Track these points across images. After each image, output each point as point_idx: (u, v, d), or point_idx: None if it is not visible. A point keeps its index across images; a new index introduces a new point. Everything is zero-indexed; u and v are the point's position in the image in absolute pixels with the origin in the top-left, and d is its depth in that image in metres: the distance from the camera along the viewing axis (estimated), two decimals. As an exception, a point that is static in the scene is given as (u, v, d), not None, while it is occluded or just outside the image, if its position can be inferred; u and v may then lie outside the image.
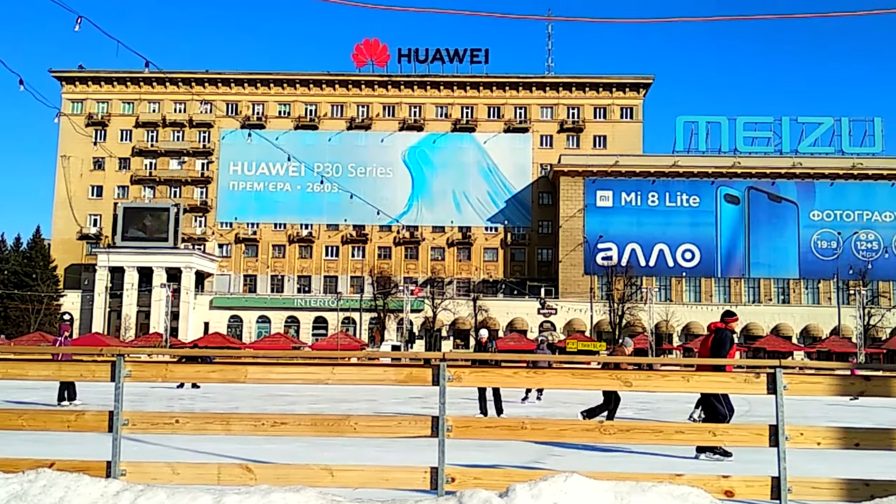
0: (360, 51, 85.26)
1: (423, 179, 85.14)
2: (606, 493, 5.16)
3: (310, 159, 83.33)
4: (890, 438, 6.26)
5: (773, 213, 78.16)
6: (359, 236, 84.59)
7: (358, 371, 6.47)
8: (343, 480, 6.10)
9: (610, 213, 78.63)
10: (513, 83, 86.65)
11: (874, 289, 74.26)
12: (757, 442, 5.97)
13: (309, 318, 78.50)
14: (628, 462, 9.86)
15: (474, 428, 6.26)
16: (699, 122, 79.66)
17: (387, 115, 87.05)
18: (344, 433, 6.30)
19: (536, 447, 10.77)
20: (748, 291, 78.10)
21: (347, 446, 10.24)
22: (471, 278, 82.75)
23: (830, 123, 79.12)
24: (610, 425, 6.04)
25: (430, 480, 5.98)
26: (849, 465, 8.22)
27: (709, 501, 5.20)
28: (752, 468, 6.48)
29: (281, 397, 22.96)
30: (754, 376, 5.99)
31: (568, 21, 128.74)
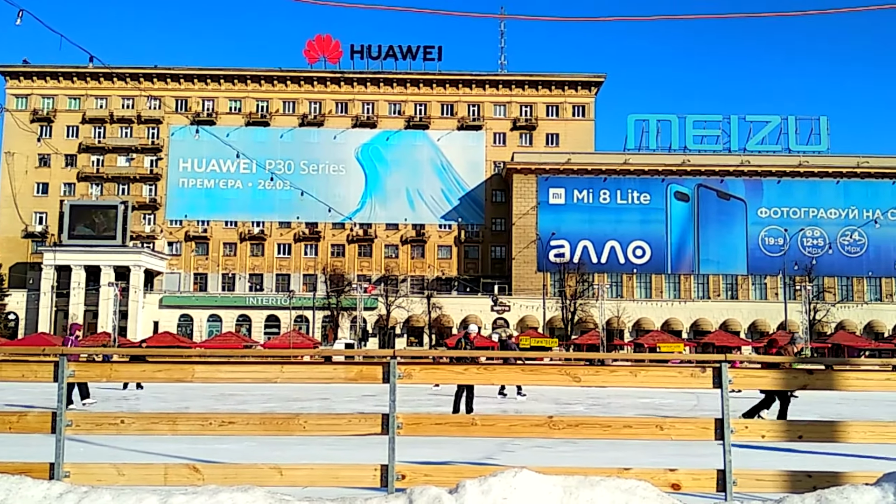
0: (312, 47, 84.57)
1: (377, 177, 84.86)
2: (555, 488, 5.19)
3: (261, 156, 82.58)
4: (831, 431, 6.40)
5: (722, 210, 79.55)
6: (311, 234, 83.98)
7: (307, 369, 6.41)
8: (292, 479, 6.06)
9: (562, 211, 79.27)
10: (466, 80, 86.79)
11: (819, 284, 76.04)
12: (703, 436, 6.06)
13: (261, 317, 77.76)
14: (579, 457, 9.94)
15: (425, 425, 6.26)
16: (650, 121, 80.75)
17: (339, 112, 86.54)
18: (293, 432, 6.25)
19: (490, 443, 10.81)
20: (697, 287, 79.41)
21: (299, 445, 10.16)
22: (425, 276, 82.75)
23: (778, 122, 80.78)
24: (559, 420, 6.08)
25: (381, 478, 5.97)
26: (792, 458, 8.41)
27: (656, 495, 5.26)
28: (701, 461, 6.57)
29: (232, 396, 22.73)
30: (700, 371, 6.07)
31: (520, 19, 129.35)
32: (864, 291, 79.25)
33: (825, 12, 11.88)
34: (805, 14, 9.91)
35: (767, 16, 27.95)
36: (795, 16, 29.48)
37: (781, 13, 10.04)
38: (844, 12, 12.64)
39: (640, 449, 9.44)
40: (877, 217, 78.74)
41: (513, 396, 23.08)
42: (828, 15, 75.85)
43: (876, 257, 79.11)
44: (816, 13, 10.63)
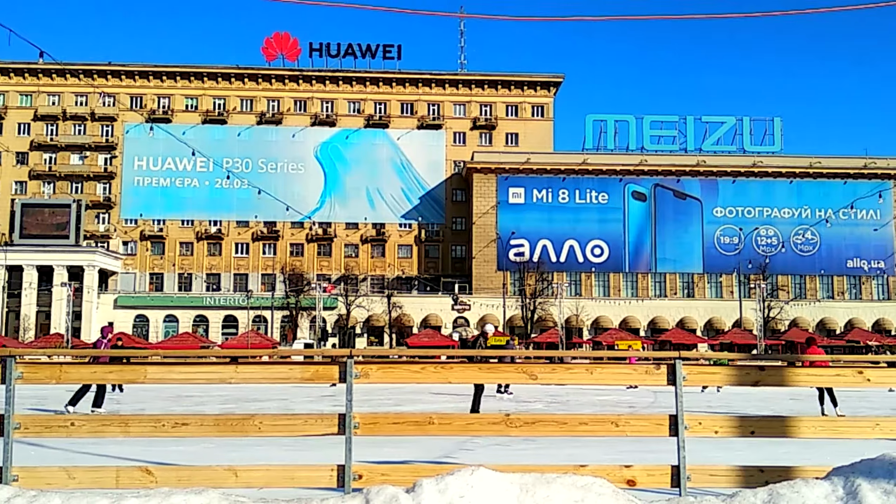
0: (270, 44, 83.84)
1: (336, 176, 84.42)
2: (512, 486, 5.20)
3: (218, 154, 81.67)
4: (783, 426, 6.50)
5: (679, 209, 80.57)
6: (270, 233, 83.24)
7: (262, 369, 6.35)
8: (248, 480, 5.99)
9: (522, 210, 79.65)
10: (426, 80, 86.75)
11: (773, 282, 77.41)
12: (658, 432, 6.12)
13: (218, 317, 76.94)
14: (537, 455, 9.99)
15: (382, 424, 6.24)
16: (608, 121, 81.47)
17: (298, 110, 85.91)
18: (248, 433, 6.19)
19: (449, 442, 10.82)
20: (654, 286, 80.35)
21: (256, 446, 10.07)
22: (385, 275, 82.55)
23: (733, 123, 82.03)
24: (516, 418, 6.10)
25: (337, 478, 5.93)
26: (747, 453, 8.54)
27: (611, 491, 5.29)
28: (657, 457, 6.64)
29: (189, 398, 22.48)
30: (655, 368, 6.13)
31: (480, 18, 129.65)
32: (817, 289, 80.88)
33: (775, 14, 12.09)
34: (759, 16, 10.06)
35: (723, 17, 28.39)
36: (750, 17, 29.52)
37: (736, 14, 10.19)
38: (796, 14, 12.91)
39: (598, 446, 9.51)
40: (828, 216, 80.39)
41: (499, 394, 23.45)
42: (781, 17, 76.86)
43: (828, 256, 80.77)
44: (767, 14, 10.80)
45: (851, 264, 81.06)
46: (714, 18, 47.86)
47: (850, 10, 11.49)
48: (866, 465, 5.48)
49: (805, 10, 11.30)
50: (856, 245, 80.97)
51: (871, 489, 5.23)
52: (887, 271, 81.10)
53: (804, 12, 11.89)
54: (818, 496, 5.27)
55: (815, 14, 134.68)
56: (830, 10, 10.76)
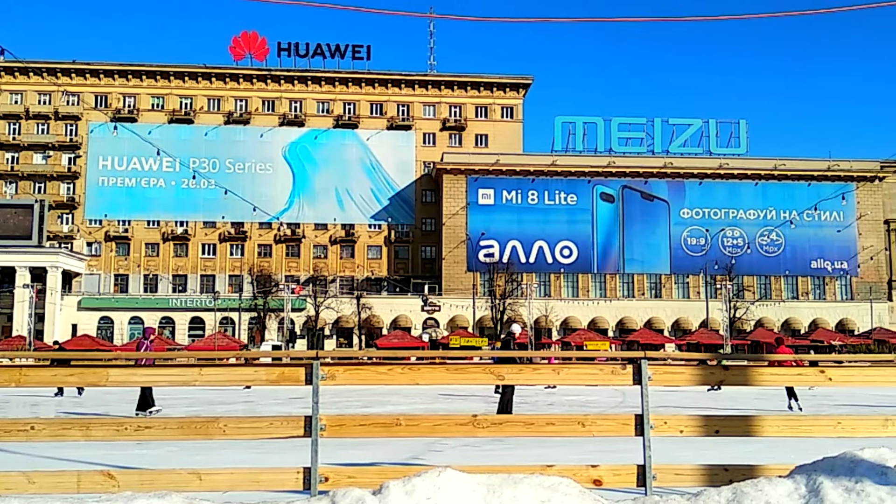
0: (237, 44, 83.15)
1: (305, 176, 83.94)
2: (479, 487, 5.20)
3: (185, 154, 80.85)
4: (747, 425, 6.57)
5: (646, 210, 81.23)
6: (237, 234, 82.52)
7: (227, 372, 6.28)
8: (212, 484, 5.93)
9: (492, 211, 79.83)
10: (395, 80, 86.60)
11: (739, 283, 78.33)
12: (623, 431, 6.15)
13: (185, 319, 76.15)
14: (506, 455, 10.01)
15: (348, 426, 6.20)
16: (576, 123, 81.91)
17: (266, 110, 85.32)
18: (212, 436, 6.12)
19: (418, 443, 10.80)
20: (622, 287, 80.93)
21: (222, 449, 9.98)
22: (354, 276, 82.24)
23: (699, 125, 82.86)
24: (483, 419, 6.09)
25: (303, 481, 5.89)
26: (713, 452, 8.62)
27: (578, 491, 5.31)
28: (624, 457, 6.67)
29: (159, 400, 22.20)
30: (621, 368, 6.16)
31: (449, 19, 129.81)
32: (782, 290, 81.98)
33: (742, 17, 12.24)
34: (723, 19, 10.18)
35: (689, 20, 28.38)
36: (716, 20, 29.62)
37: (702, 17, 10.26)
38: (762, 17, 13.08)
39: (566, 446, 9.55)
40: (793, 218, 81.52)
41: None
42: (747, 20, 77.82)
43: (792, 257, 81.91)
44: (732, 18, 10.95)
45: (815, 265, 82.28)
46: (681, 21, 48.46)
47: (812, 14, 11.64)
48: (828, 464, 5.55)
49: (769, 14, 11.42)
50: (820, 246, 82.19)
51: (833, 487, 5.30)
52: (850, 272, 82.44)
53: (769, 16, 11.95)
54: (781, 494, 5.33)
55: (780, 18, 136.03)
56: (789, 14, 10.89)
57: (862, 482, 5.30)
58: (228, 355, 21.59)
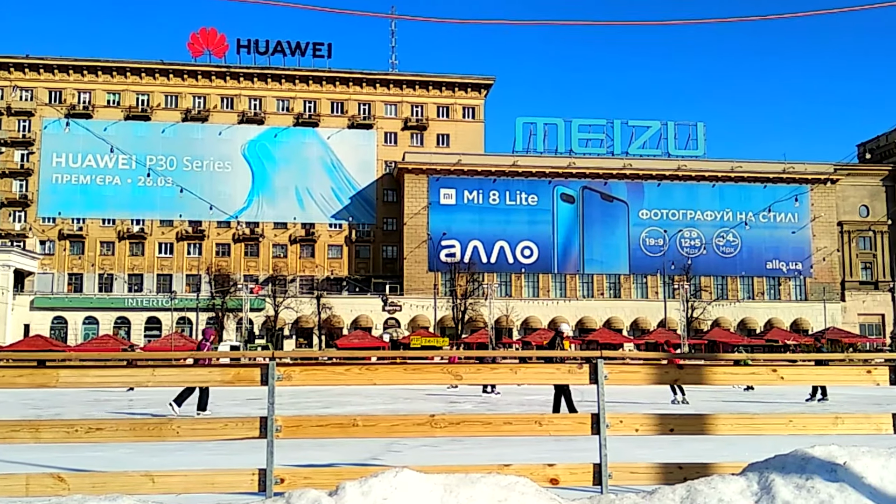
0: (196, 40, 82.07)
1: (264, 174, 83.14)
2: (436, 487, 5.19)
3: (141, 152, 79.68)
4: (701, 423, 6.64)
5: (606, 211, 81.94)
6: (195, 233, 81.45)
7: (181, 372, 6.20)
8: (165, 486, 5.84)
9: (453, 211, 79.89)
10: (356, 79, 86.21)
11: (697, 283, 79.37)
12: (580, 430, 6.18)
13: (141, 319, 75.01)
14: (464, 455, 10.01)
15: (305, 427, 6.14)
16: (537, 124, 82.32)
17: (225, 108, 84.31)
18: (166, 437, 6.03)
19: (377, 444, 10.77)
20: (582, 286, 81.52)
21: (178, 451, 9.85)
22: (314, 276, 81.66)
23: (658, 127, 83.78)
24: (441, 419, 6.09)
25: (259, 482, 5.82)
26: (669, 450, 8.71)
27: (534, 490, 5.32)
28: (582, 456, 6.70)
29: (109, 402, 21.89)
30: (577, 367, 6.20)
31: (410, 20, 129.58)
32: (738, 290, 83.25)
33: (702, 21, 12.40)
34: (682, 23, 10.30)
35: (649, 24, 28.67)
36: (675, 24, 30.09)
37: (663, 22, 10.40)
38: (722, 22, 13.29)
39: (525, 445, 9.59)
40: (749, 219, 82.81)
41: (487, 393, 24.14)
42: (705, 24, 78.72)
43: (749, 258, 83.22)
44: (690, 22, 11.10)
45: (771, 266, 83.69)
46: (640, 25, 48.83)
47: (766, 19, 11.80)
48: (780, 461, 5.64)
49: (725, 19, 11.62)
50: (775, 247, 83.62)
51: (784, 484, 5.38)
52: (804, 273, 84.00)
53: (724, 21, 12.19)
54: (734, 491, 5.40)
55: (737, 23, 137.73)
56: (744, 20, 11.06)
57: (812, 479, 5.40)
58: (185, 356, 21.24)
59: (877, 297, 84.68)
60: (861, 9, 9.48)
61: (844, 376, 7.93)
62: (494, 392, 25.48)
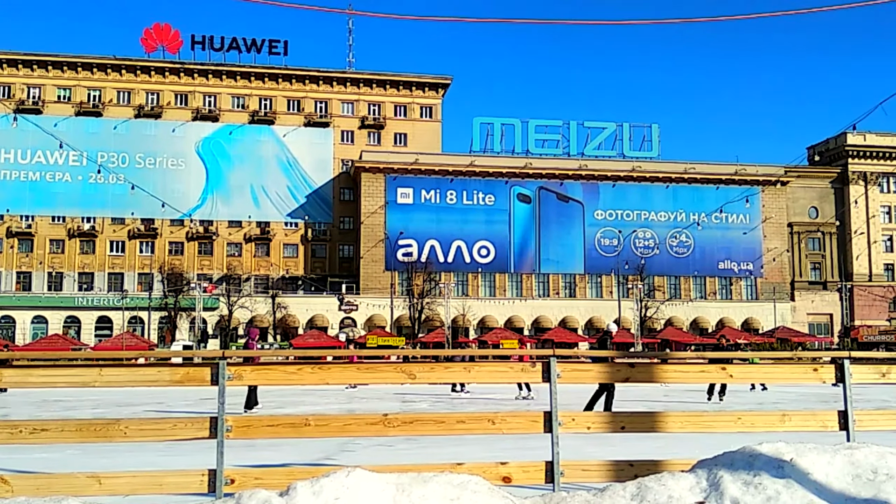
0: (149, 35, 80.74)
1: (219, 172, 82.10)
2: (388, 486, 5.17)
3: (92, 148, 78.18)
4: (652, 421, 6.72)
5: (562, 212, 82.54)
6: (147, 231, 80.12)
7: (129, 372, 6.08)
8: (112, 488, 5.73)
9: (410, 210, 79.80)
10: (313, 77, 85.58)
11: (650, 283, 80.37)
12: (533, 428, 6.21)
13: (91, 318, 73.61)
14: (419, 454, 10.00)
15: (255, 427, 6.07)
16: (494, 124, 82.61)
17: (179, 104, 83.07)
18: (113, 438, 5.92)
19: (331, 444, 10.71)
20: (538, 286, 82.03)
21: (129, 452, 9.70)
22: (270, 275, 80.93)
23: (613, 128, 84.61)
24: (394, 418, 6.06)
25: (208, 483, 5.75)
26: (622, 448, 8.80)
27: (487, 488, 5.33)
28: (537, 454, 6.73)
29: (57, 402, 21.46)
30: (530, 366, 6.22)
31: (368, 16, 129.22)
32: (691, 290, 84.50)
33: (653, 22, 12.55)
34: (637, 23, 10.36)
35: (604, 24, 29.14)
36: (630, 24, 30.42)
37: (618, 21, 10.46)
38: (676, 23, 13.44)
39: (480, 444, 9.61)
40: (701, 220, 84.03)
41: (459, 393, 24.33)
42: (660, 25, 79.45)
43: (701, 258, 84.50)
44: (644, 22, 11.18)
45: (723, 266, 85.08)
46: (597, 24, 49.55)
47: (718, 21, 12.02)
48: (728, 458, 5.73)
49: (679, 20, 11.72)
50: (727, 248, 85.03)
51: (732, 480, 5.47)
52: (755, 273, 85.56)
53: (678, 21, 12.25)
54: (683, 488, 5.47)
55: (691, 25, 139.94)
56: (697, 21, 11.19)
57: (760, 476, 5.49)
58: (136, 355, 21.02)
59: (825, 296, 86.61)
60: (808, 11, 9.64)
61: (792, 374, 8.09)
62: (464, 391, 25.44)
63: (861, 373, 6.91)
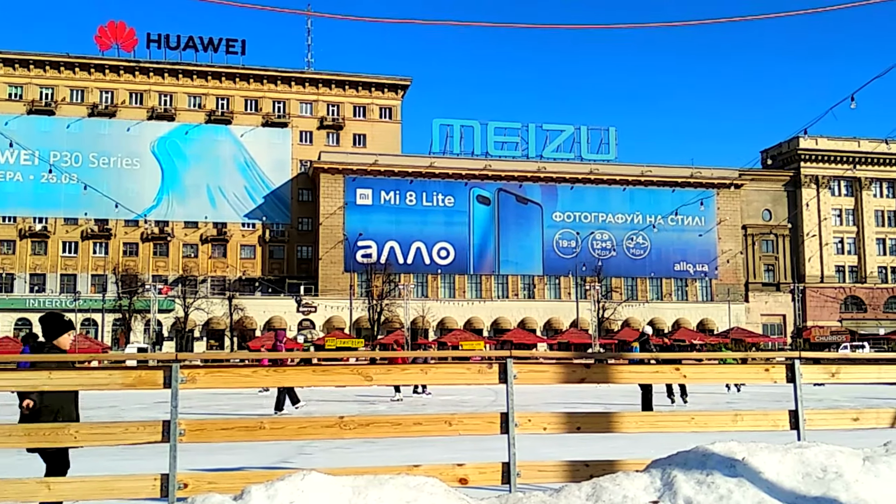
0: (103, 33, 79.33)
1: (175, 172, 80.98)
2: (344, 489, 5.14)
3: (44, 147, 76.61)
4: (607, 421, 6.78)
5: (521, 213, 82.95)
6: (101, 231, 78.70)
7: (79, 375, 5.95)
8: (62, 493, 5.62)
9: (370, 212, 79.54)
10: (271, 76, 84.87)
11: (608, 284, 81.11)
12: (489, 430, 6.22)
13: (44, 321, 72.02)
14: (376, 456, 9.96)
15: (209, 431, 6.00)
16: (454, 126, 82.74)
17: (134, 103, 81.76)
18: (63, 443, 5.81)
19: (288, 447, 10.62)
20: (497, 287, 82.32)
21: (82, 457, 9.49)
22: (226, 276, 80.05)
23: (571, 131, 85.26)
24: (350, 420, 6.03)
25: (161, 488, 5.66)
26: (579, 448, 8.85)
27: (443, 490, 5.33)
28: (495, 455, 6.74)
29: (7, 407, 20.93)
30: (487, 367, 6.24)
31: (327, 17, 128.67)
32: (647, 291, 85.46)
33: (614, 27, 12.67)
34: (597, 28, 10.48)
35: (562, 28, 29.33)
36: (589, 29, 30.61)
37: (576, 25, 10.55)
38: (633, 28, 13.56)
39: (438, 446, 9.60)
40: (658, 222, 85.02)
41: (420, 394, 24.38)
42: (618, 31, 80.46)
43: (657, 259, 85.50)
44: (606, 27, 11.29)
45: (679, 267, 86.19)
46: (556, 28, 49.74)
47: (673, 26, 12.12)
48: (682, 458, 5.80)
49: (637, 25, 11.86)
50: (682, 249, 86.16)
51: (686, 480, 5.53)
52: (710, 274, 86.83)
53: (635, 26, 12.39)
54: (638, 488, 5.52)
55: (648, 30, 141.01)
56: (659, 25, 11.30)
57: (713, 475, 5.56)
58: (90, 358, 20.67)
59: (779, 298, 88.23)
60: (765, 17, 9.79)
61: (745, 374, 8.22)
62: (426, 392, 25.45)
63: (811, 373, 7.04)
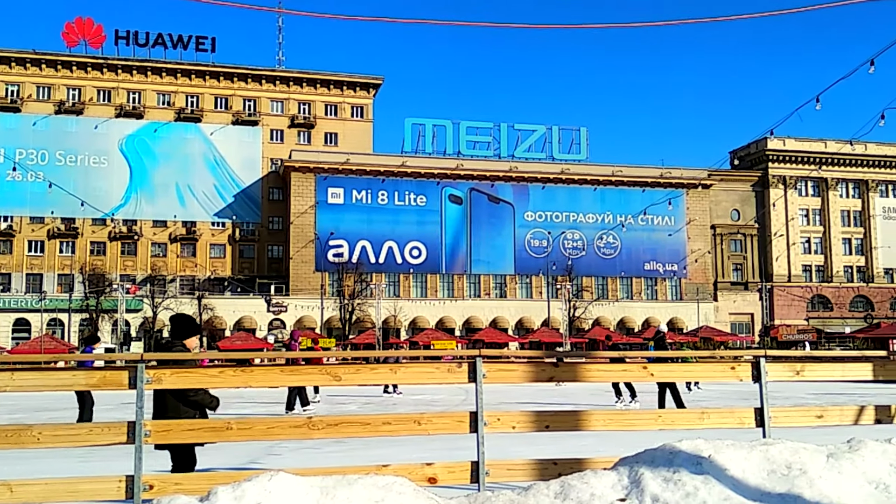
0: (71, 29, 78.27)
1: (143, 170, 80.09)
2: (312, 489, 5.11)
3: (10, 145, 75.47)
4: (575, 420, 6.81)
5: (493, 213, 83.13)
6: (68, 230, 77.64)
7: (42, 376, 5.87)
8: (24, 496, 5.53)
9: (341, 211, 79.24)
10: (241, 74, 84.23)
11: (578, 284, 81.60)
12: (458, 429, 6.21)
13: (8, 320, 71.00)
14: (346, 456, 9.93)
15: (175, 431, 5.94)
16: (426, 125, 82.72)
17: (102, 101, 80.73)
18: (25, 444, 5.71)
19: (257, 447, 10.56)
20: (469, 287, 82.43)
21: (46, 458, 9.37)
22: (196, 276, 79.31)
23: (543, 131, 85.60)
24: (319, 420, 6.00)
25: (126, 489, 5.60)
26: (549, 447, 8.89)
27: (412, 489, 5.32)
28: (465, 454, 6.73)
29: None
30: (457, 366, 6.23)
31: (297, 14, 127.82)
32: (617, 290, 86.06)
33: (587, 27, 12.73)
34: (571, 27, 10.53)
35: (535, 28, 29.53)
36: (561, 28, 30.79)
37: (548, 25, 10.60)
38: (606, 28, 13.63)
39: (408, 445, 9.60)
40: (627, 222, 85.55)
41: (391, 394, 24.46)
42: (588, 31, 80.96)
43: (628, 259, 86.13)
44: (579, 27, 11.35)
45: (648, 267, 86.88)
46: (528, 28, 49.87)
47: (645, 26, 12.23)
48: (649, 455, 5.84)
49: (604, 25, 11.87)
50: (652, 249, 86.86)
51: (653, 477, 5.57)
52: (679, 273, 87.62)
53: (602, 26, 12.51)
54: (605, 485, 5.55)
55: (619, 30, 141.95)
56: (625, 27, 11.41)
57: (679, 472, 5.61)
58: (56, 359, 20.46)
59: (747, 297, 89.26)
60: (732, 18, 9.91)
61: (711, 372, 8.30)
62: (396, 392, 25.46)
63: (777, 371, 7.13)
